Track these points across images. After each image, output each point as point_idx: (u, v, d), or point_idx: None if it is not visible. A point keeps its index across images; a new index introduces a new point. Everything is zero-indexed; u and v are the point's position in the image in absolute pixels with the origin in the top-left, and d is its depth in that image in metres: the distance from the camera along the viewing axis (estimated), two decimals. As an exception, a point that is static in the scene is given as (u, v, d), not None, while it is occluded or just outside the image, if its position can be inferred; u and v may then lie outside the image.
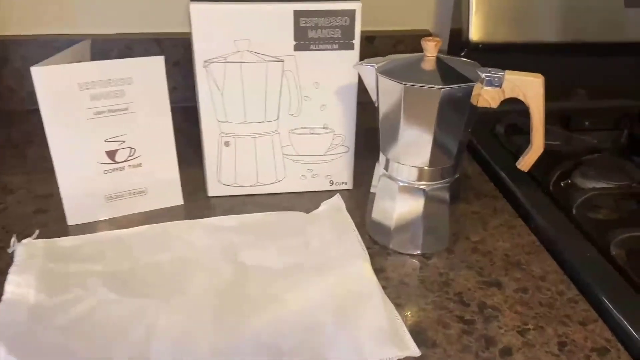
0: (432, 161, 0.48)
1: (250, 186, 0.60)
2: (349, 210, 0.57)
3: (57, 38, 0.75)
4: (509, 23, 0.74)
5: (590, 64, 0.79)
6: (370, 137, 0.53)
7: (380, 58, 0.49)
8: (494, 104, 0.46)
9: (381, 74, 0.46)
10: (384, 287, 0.47)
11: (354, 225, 0.53)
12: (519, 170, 0.50)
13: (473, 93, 0.45)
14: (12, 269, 0.46)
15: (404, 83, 0.44)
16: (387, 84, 0.46)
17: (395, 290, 0.47)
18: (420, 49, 0.47)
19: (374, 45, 0.82)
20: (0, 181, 0.61)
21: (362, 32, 0.55)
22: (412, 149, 0.48)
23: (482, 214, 0.57)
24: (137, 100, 0.53)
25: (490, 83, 0.45)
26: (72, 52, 0.55)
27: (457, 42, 0.75)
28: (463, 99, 0.45)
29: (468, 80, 0.45)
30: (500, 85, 0.45)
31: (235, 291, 0.45)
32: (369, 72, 0.48)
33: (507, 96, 0.46)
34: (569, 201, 0.57)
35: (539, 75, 0.45)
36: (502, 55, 0.74)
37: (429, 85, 0.44)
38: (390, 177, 0.50)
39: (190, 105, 0.58)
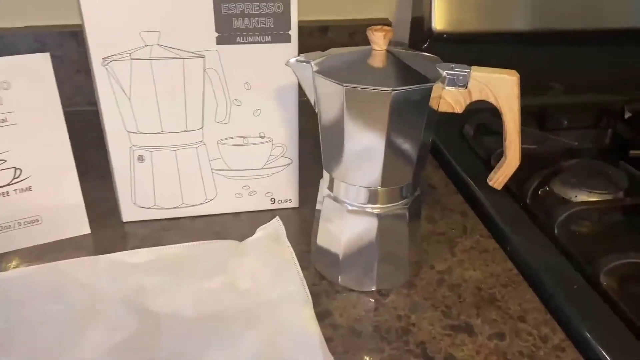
0: (385, 180, 0.38)
1: (175, 208, 0.50)
2: (293, 234, 0.48)
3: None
4: (477, 10, 0.65)
5: (566, 55, 0.72)
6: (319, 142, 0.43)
7: (318, 53, 0.39)
8: (459, 108, 0.37)
9: (318, 73, 0.36)
10: (329, 339, 0.37)
11: (295, 258, 0.43)
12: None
13: (432, 95, 0.36)
14: None
15: (344, 85, 0.35)
16: (325, 85, 0.36)
17: (343, 343, 0.38)
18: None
19: (327, 37, 0.72)
20: None
21: (313, 22, 0.45)
22: (360, 166, 0.38)
23: (449, 235, 0.49)
24: (19, 109, 0.42)
25: (453, 83, 0.36)
26: None
27: (419, 32, 0.66)
28: (420, 104, 0.36)
29: (425, 79, 0.35)
30: (465, 86, 0.36)
31: (140, 350, 0.35)
32: (304, 71, 0.38)
33: (474, 98, 0.37)
34: (550, 217, 0.49)
35: (513, 72, 0.36)
36: (469, 46, 0.66)
37: (377, 87, 0.34)
38: (336, 199, 0.41)
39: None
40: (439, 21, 0.63)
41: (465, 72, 0.36)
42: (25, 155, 0.43)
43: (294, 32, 0.45)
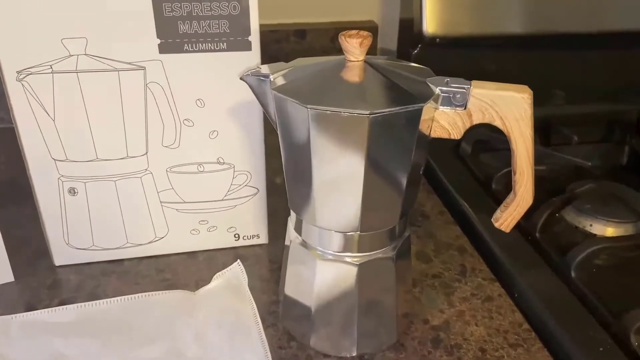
0: (365, 224, 0.31)
1: (117, 248, 0.42)
2: (261, 279, 0.40)
3: None
4: (472, 11, 0.58)
5: (570, 60, 0.64)
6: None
7: (282, 64, 0.31)
8: (456, 133, 0.30)
9: (277, 91, 0.29)
10: None
11: (257, 315, 0.35)
12: (491, 206, 0.34)
13: (423, 118, 0.28)
14: None
15: (309, 107, 0.27)
16: (286, 106, 0.28)
17: None
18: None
19: (306, 42, 0.64)
20: None
21: (289, 25, 0.37)
22: (333, 207, 0.30)
23: (445, 278, 0.41)
24: None
25: (449, 102, 0.29)
26: None
27: (408, 36, 0.59)
28: (407, 129, 0.28)
29: (413, 98, 0.28)
30: (464, 106, 0.29)
31: None
32: (262, 87, 0.30)
33: (475, 121, 0.29)
34: (565, 256, 0.41)
35: (524, 87, 0.29)
36: (464, 52, 0.59)
37: (351, 110, 0.27)
38: (305, 245, 0.33)
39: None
40: (430, 24, 0.55)
41: (463, 88, 0.28)
42: None
43: (254, 38, 0.37)
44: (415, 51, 0.58)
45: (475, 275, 0.41)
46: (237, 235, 0.44)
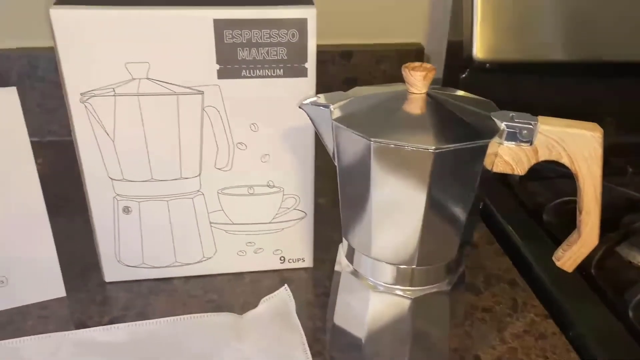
0: (423, 258, 0.30)
1: (166, 267, 0.42)
2: (305, 304, 0.40)
3: None
4: (521, 37, 0.57)
5: (621, 88, 0.62)
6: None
7: (340, 93, 0.31)
8: (520, 169, 0.29)
9: (340, 122, 0.29)
10: None
11: (305, 344, 0.35)
12: (543, 238, 0.33)
13: (487, 152, 0.28)
14: None
15: (373, 140, 0.27)
16: (348, 138, 0.28)
17: None
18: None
19: (351, 64, 0.64)
20: None
21: (335, 46, 0.37)
22: (390, 240, 0.30)
23: (496, 312, 0.40)
24: (-20, 153, 0.35)
25: (514, 137, 0.28)
26: None
27: (457, 59, 0.58)
28: (471, 164, 0.28)
29: (479, 133, 0.27)
30: (530, 142, 0.28)
31: None
32: (322, 116, 0.30)
33: (542, 158, 0.28)
34: (622, 295, 0.39)
35: (594, 125, 0.28)
36: (511, 77, 0.58)
37: (416, 145, 0.26)
38: (356, 274, 0.33)
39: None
40: (480, 48, 0.54)
41: (530, 124, 0.28)
42: (-14, 206, 0.36)
43: (311, 65, 0.37)
44: (463, 75, 0.57)
45: (527, 311, 0.40)
46: (282, 258, 0.44)
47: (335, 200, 0.32)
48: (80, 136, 0.37)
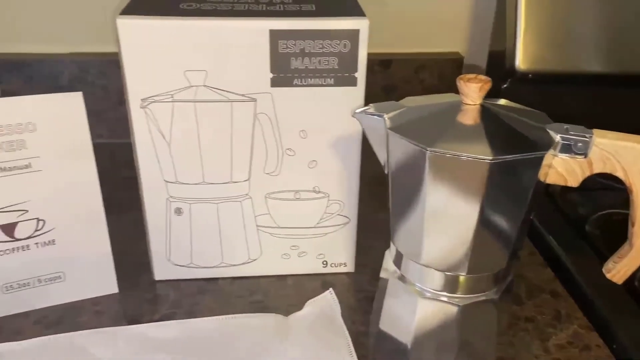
0: (473, 266, 0.31)
1: (213, 267, 0.43)
2: (348, 308, 0.40)
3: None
4: (564, 48, 0.57)
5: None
6: (383, 195, 0.36)
7: (393, 103, 0.32)
8: (574, 181, 0.29)
9: (394, 132, 0.29)
10: None
11: (351, 347, 0.36)
12: (586, 250, 0.33)
13: (542, 163, 0.28)
14: None
15: (429, 149, 0.27)
16: (403, 147, 0.29)
17: None
18: (449, 74, 0.30)
19: (389, 72, 0.65)
20: None
21: (374, 54, 0.38)
22: (441, 248, 0.31)
23: (539, 322, 0.40)
24: (45, 155, 0.37)
25: (568, 149, 0.28)
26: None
27: (498, 69, 0.58)
28: (525, 175, 0.28)
29: (534, 145, 0.28)
30: (585, 154, 0.28)
31: None
32: (375, 125, 0.31)
33: (596, 170, 0.29)
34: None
35: (650, 138, 0.28)
36: (555, 88, 0.58)
37: (473, 155, 0.27)
38: (404, 280, 0.33)
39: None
40: (523, 58, 0.54)
41: (585, 137, 0.28)
42: (49, 205, 0.38)
43: (360, 75, 0.38)
44: (505, 85, 0.57)
45: (570, 322, 0.40)
46: (325, 262, 0.45)
47: (374, 206, 0.33)
48: (139, 140, 0.38)
